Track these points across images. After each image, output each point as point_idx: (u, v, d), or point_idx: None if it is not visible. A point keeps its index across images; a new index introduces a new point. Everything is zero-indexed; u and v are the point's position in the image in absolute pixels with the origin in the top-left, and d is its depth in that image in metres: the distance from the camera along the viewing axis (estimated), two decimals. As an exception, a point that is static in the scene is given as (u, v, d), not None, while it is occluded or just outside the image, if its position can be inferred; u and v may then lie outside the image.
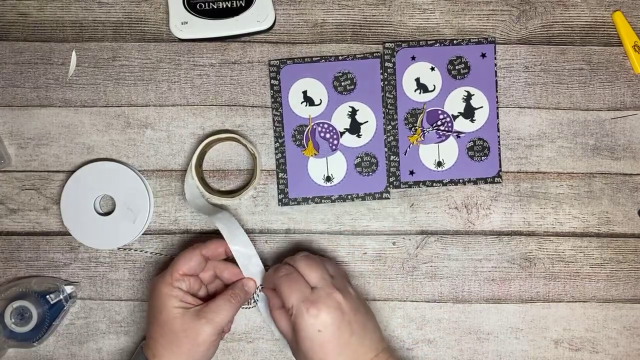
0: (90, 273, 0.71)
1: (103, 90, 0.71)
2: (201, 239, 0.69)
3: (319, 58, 0.71)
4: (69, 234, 0.70)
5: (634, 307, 0.71)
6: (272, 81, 0.71)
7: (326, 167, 0.71)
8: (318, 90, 0.71)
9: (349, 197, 0.71)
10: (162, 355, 0.62)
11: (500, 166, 0.71)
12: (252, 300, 0.67)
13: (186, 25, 0.69)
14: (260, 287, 0.66)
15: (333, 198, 0.71)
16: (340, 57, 0.71)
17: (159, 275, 0.64)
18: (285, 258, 0.65)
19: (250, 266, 0.66)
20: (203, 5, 0.69)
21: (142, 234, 0.71)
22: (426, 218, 0.71)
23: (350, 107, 0.71)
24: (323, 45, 0.71)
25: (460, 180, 0.71)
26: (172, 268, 0.64)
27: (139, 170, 0.71)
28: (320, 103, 0.71)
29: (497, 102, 0.71)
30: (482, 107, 0.71)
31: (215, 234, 0.67)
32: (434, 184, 0.71)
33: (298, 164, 0.71)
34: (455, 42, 0.71)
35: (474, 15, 0.71)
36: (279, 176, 0.71)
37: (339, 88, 0.71)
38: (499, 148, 0.71)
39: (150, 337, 0.64)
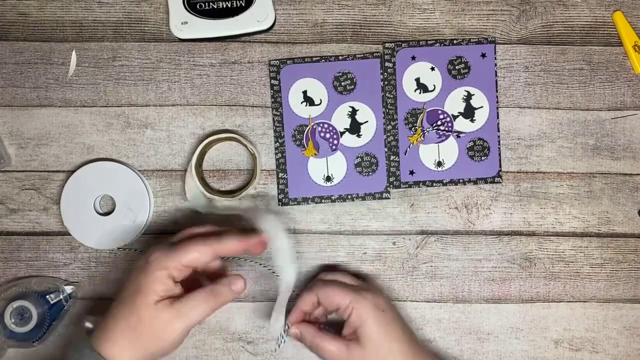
0: (90, 273, 0.71)
1: (103, 90, 0.71)
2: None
3: (319, 58, 0.71)
4: (69, 234, 0.70)
5: (634, 307, 0.71)
6: (272, 81, 0.71)
7: (326, 167, 0.71)
8: (318, 90, 0.71)
9: (349, 197, 0.71)
10: (116, 339, 0.56)
11: (500, 166, 0.71)
12: (280, 340, 0.63)
13: (186, 25, 0.69)
14: (287, 326, 0.63)
15: (333, 198, 0.71)
16: (340, 57, 0.71)
17: (158, 254, 0.58)
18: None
19: (285, 275, 0.62)
20: (203, 5, 0.69)
21: (142, 234, 0.71)
22: (426, 218, 0.71)
23: (350, 107, 0.71)
24: (323, 45, 0.71)
25: (460, 180, 0.71)
26: (177, 255, 0.57)
27: (139, 170, 0.71)
28: (320, 103, 0.71)
29: (497, 102, 0.71)
30: (482, 107, 0.71)
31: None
32: (434, 184, 0.71)
33: (298, 164, 0.71)
34: (455, 42, 0.71)
35: (474, 15, 0.71)
36: (279, 176, 0.71)
37: (339, 88, 0.71)
38: (499, 148, 0.71)
39: (112, 315, 0.57)
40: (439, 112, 0.71)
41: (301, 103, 0.71)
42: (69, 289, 0.69)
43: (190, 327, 0.58)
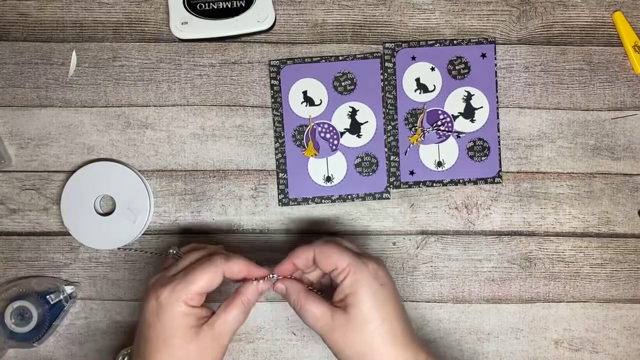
0: (90, 273, 0.71)
1: (103, 90, 0.71)
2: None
3: (319, 58, 0.71)
4: (69, 234, 0.70)
5: (634, 307, 0.71)
6: (272, 81, 0.71)
7: (326, 167, 0.71)
8: (318, 90, 0.71)
9: (349, 197, 0.71)
10: None
11: (500, 166, 0.71)
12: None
13: (186, 25, 0.69)
14: (273, 276, 0.58)
15: (333, 198, 0.71)
16: (340, 57, 0.71)
17: (167, 291, 0.54)
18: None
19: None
20: (203, 6, 0.69)
21: (142, 234, 0.71)
22: (426, 218, 0.71)
23: (350, 107, 0.71)
24: (323, 45, 0.71)
25: (460, 181, 0.71)
26: (187, 284, 0.54)
27: (139, 170, 0.71)
28: (321, 103, 0.71)
29: (497, 102, 0.71)
30: (482, 107, 0.71)
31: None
32: (434, 184, 0.71)
33: (298, 164, 0.71)
34: (455, 42, 0.71)
35: (474, 15, 0.71)
36: (279, 176, 0.71)
37: (339, 88, 0.71)
38: (499, 148, 0.71)
39: None
40: (439, 112, 0.71)
41: (301, 103, 0.71)
42: (69, 289, 0.69)
43: (232, 337, 0.56)
